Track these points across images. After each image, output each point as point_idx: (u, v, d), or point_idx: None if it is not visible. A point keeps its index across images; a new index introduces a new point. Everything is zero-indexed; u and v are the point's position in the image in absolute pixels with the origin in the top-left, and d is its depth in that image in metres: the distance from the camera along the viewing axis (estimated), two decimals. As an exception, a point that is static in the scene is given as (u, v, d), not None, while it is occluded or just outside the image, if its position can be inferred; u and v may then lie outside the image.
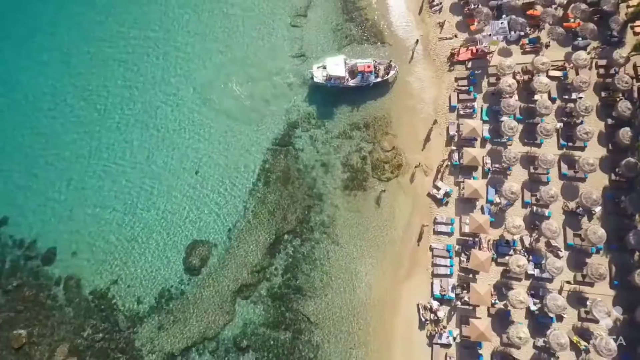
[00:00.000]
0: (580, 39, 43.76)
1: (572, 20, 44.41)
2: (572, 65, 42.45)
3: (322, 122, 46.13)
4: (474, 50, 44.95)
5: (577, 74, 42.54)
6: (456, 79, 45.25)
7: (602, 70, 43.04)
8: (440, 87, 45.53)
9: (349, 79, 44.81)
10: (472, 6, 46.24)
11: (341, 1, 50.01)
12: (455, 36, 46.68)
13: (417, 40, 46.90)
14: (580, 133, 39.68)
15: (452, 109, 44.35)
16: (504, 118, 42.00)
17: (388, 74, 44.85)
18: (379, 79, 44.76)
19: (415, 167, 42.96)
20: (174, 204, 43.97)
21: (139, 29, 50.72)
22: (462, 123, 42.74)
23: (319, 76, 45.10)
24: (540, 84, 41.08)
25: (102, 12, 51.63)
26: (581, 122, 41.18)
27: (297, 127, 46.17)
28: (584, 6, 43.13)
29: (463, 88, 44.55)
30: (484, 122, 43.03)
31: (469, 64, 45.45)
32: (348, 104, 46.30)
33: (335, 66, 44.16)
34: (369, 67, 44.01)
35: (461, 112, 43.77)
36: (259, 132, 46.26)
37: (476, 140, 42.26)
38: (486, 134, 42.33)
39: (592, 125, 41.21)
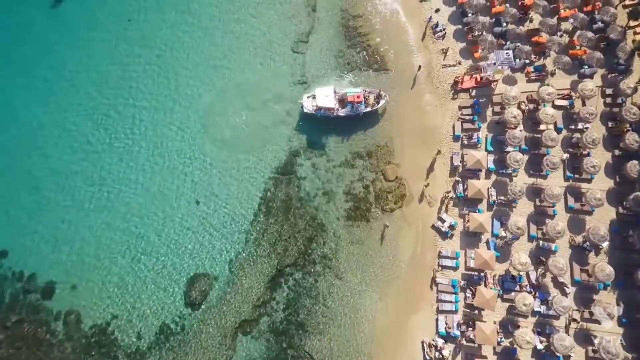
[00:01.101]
0: (586, 66, 43.06)
1: (578, 47, 43.72)
2: (578, 94, 41.77)
3: (324, 150, 45.59)
4: (478, 78, 44.32)
5: (583, 104, 41.86)
6: (460, 108, 44.59)
7: (608, 99, 42.35)
8: (443, 115, 44.89)
9: (339, 108, 44.31)
10: (476, 33, 45.63)
11: (343, 27, 49.37)
12: (459, 63, 46.02)
13: (420, 67, 46.29)
14: (587, 166, 38.99)
15: (455, 138, 43.71)
16: (509, 149, 41.40)
17: (378, 103, 44.28)
18: (368, 109, 44.19)
19: (419, 198, 42.37)
20: (174, 235, 43.49)
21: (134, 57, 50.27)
22: (467, 153, 42.10)
23: (308, 106, 44.60)
24: (546, 115, 40.40)
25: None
26: (588, 154, 40.49)
27: (299, 155, 45.63)
28: (590, 34, 42.41)
29: (467, 117, 43.89)
30: (489, 152, 42.38)
31: (473, 92, 44.80)
32: (350, 132, 45.74)
33: (324, 97, 43.72)
34: (358, 97, 43.47)
35: (465, 142, 43.13)
36: (260, 160, 45.77)
37: (481, 171, 41.59)
38: (491, 165, 41.67)
39: (598, 155, 40.58)
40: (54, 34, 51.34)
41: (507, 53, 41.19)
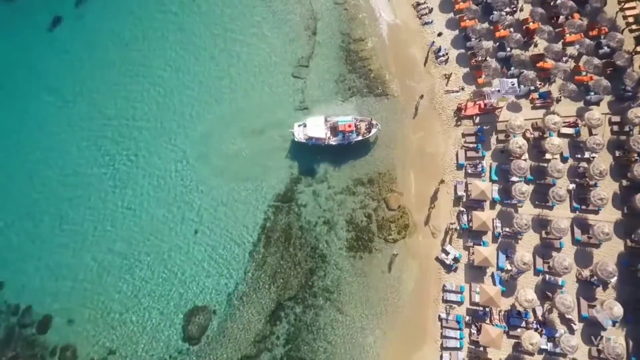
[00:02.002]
0: (592, 93, 42.20)
1: (584, 73, 42.86)
2: (584, 122, 40.88)
3: (324, 177, 44.74)
4: (482, 105, 43.42)
5: (590, 133, 40.98)
6: (463, 135, 43.73)
7: (615, 127, 41.46)
8: (446, 142, 44.02)
9: (331, 136, 43.52)
10: (480, 58, 44.81)
11: (343, 51, 48.59)
12: (462, 89, 45.18)
13: (422, 96, 45.41)
14: (594, 199, 38.07)
15: (459, 166, 42.81)
16: (514, 178, 40.51)
17: (369, 132, 43.47)
18: (360, 137, 43.40)
19: (423, 228, 41.49)
20: (172, 266, 42.62)
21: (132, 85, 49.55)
22: (471, 183, 41.25)
23: (299, 135, 43.79)
24: (552, 145, 39.49)
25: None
26: (595, 184, 39.57)
27: (300, 182, 44.80)
28: (596, 61, 41.53)
29: (471, 145, 43.01)
30: (493, 182, 41.51)
31: (477, 119, 43.95)
32: (351, 159, 44.94)
33: (315, 127, 43.04)
34: (349, 126, 42.79)
35: (469, 171, 42.23)
36: (260, 188, 44.93)
37: (485, 202, 40.68)
38: (495, 195, 40.76)
39: (606, 185, 39.69)
40: (50, 57, 50.74)
41: (512, 82, 40.29)
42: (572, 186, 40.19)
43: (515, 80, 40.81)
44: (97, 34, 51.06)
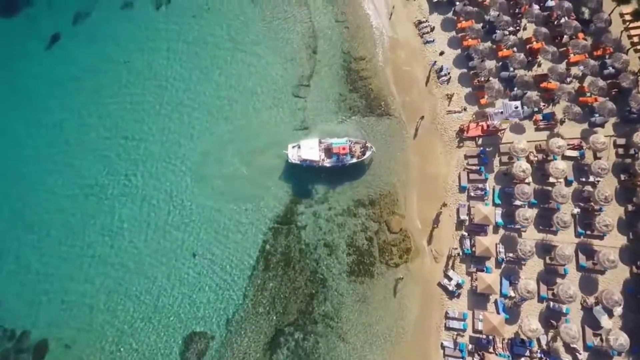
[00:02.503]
0: (597, 115, 41.57)
1: (589, 94, 42.23)
2: (589, 145, 40.25)
3: (325, 198, 44.09)
4: (485, 127, 42.84)
5: (595, 156, 40.35)
6: (466, 157, 43.08)
7: (621, 150, 40.82)
8: (449, 164, 43.39)
9: (325, 158, 43.02)
10: (482, 78, 44.21)
11: (344, 70, 47.99)
12: (465, 109, 44.54)
13: (422, 117, 44.86)
14: (599, 225, 37.40)
15: (462, 189, 42.18)
16: (518, 202, 39.87)
17: (364, 154, 42.86)
18: (354, 160, 42.84)
19: (425, 252, 40.86)
20: (170, 290, 42.00)
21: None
22: (474, 206, 40.64)
23: (293, 156, 43.26)
24: (556, 169, 38.82)
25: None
26: (600, 209, 38.91)
27: (299, 203, 44.15)
28: (601, 82, 40.89)
29: (473, 167, 42.35)
30: (496, 205, 40.86)
31: (479, 141, 43.34)
32: (352, 179, 44.32)
33: (309, 149, 42.57)
34: (344, 149, 42.26)
35: (472, 194, 41.58)
36: (259, 209, 44.24)
37: (488, 226, 40.03)
38: (499, 220, 40.10)
39: (611, 210, 39.03)
40: (49, 76, 50.23)
41: (515, 105, 39.70)
42: (576, 210, 39.53)
43: (519, 103, 40.21)
44: (95, 52, 50.49)
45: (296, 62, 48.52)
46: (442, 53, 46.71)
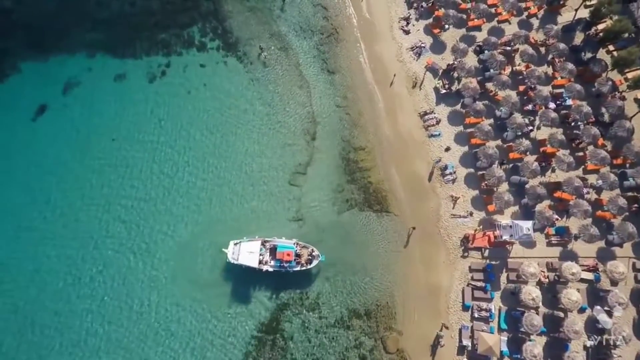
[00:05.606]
0: (614, 233, 38.19)
1: (606, 208, 38.88)
2: (605, 270, 36.85)
3: (316, 303, 40.90)
4: (492, 238, 39.59)
5: (612, 283, 36.89)
6: (470, 270, 39.82)
7: (641, 274, 37.38)
8: (452, 275, 40.14)
9: (269, 260, 39.59)
10: (490, 180, 40.94)
11: (343, 159, 45.00)
12: (470, 214, 41.30)
13: (414, 228, 41.81)
14: (616, 369, 33.88)
15: (465, 307, 38.85)
16: (525, 328, 36.41)
17: (310, 263, 39.60)
18: (299, 268, 39.55)
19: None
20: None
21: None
22: (478, 329, 37.35)
23: (234, 254, 39.39)
24: (569, 301, 35.40)
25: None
26: (615, 345, 35.36)
27: (287, 309, 40.86)
28: (621, 201, 37.54)
29: (478, 284, 39.05)
30: (502, 330, 37.49)
31: (485, 252, 40.06)
32: (346, 284, 41.18)
33: (248, 254, 39.28)
34: (288, 254, 38.87)
35: (476, 314, 38.25)
36: (241, 314, 40.58)
37: (492, 358, 36.60)
38: (504, 349, 36.69)
39: (629, 345, 35.46)
40: (34, 149, 47.63)
41: (527, 228, 36.47)
42: (590, 343, 36.04)
43: (530, 225, 36.93)
44: (81, 127, 47.61)
45: (294, 148, 45.20)
46: (448, 149, 43.57)
